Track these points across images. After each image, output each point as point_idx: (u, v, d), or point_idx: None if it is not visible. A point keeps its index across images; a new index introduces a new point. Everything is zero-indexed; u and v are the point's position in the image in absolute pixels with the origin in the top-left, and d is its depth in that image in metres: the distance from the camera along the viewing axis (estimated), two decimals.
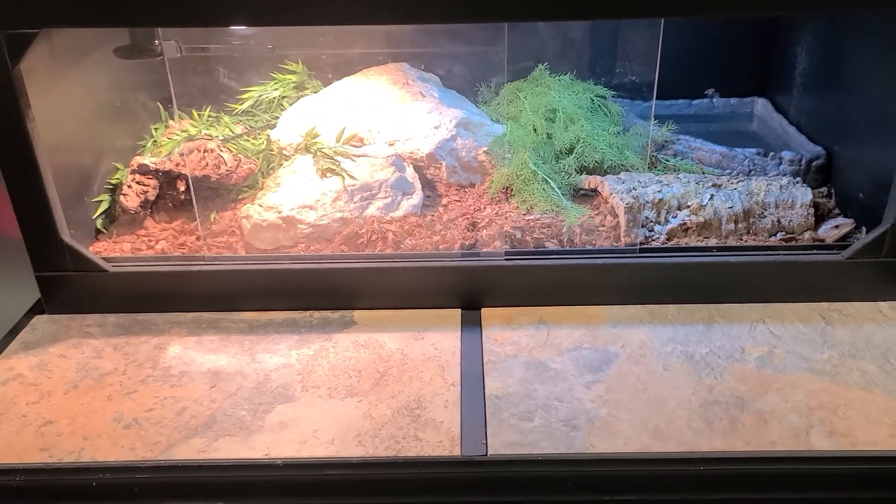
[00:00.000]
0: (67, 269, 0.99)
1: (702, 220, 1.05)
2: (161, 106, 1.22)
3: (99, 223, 1.09)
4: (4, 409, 0.86)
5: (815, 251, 1.00)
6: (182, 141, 1.13)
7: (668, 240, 1.05)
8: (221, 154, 1.12)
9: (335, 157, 1.11)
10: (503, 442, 0.80)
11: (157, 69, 1.14)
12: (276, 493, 0.79)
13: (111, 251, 1.05)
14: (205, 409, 0.86)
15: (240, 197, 1.13)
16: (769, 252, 1.00)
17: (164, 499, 0.79)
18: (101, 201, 1.10)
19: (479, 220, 1.08)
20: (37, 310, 1.03)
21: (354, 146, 1.15)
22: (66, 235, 0.98)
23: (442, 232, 1.07)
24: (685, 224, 1.05)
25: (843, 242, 1.02)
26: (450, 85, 1.32)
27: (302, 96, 1.26)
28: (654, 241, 1.05)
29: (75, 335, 0.98)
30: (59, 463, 0.78)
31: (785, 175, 1.14)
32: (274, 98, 1.26)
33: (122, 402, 0.87)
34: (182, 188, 1.12)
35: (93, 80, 1.11)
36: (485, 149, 1.19)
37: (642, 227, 1.05)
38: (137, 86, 1.21)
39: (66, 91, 1.03)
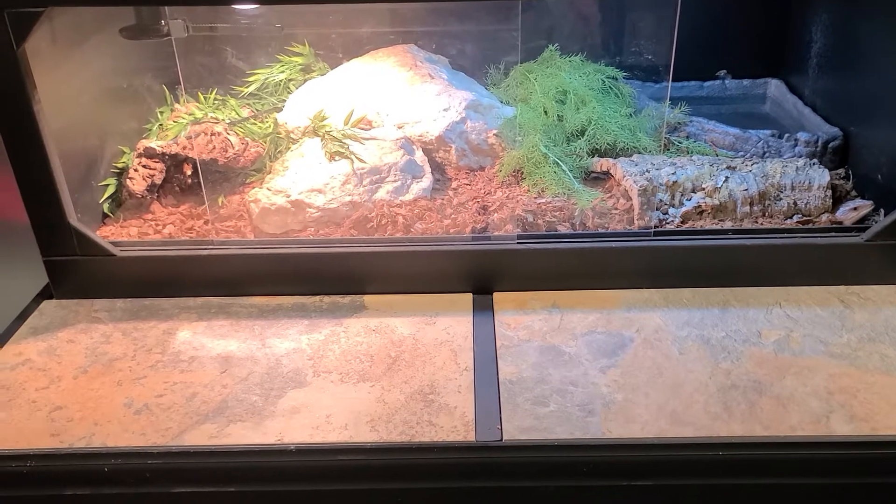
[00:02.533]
0: (75, 254, 0.98)
1: (717, 202, 1.04)
2: (167, 89, 1.20)
3: (106, 207, 1.08)
4: (14, 395, 0.85)
5: (833, 234, 0.99)
6: (188, 124, 1.11)
7: (682, 223, 1.04)
8: (228, 137, 1.11)
9: (343, 141, 1.10)
10: (518, 427, 0.79)
11: (164, 50, 1.12)
12: (288, 479, 0.78)
13: (119, 235, 1.04)
14: (216, 394, 0.85)
15: (248, 181, 1.12)
16: (785, 235, 0.99)
17: (176, 485, 0.78)
18: (107, 185, 1.09)
19: (489, 204, 1.07)
20: (45, 295, 1.02)
21: (363, 129, 1.14)
22: (74, 219, 0.97)
23: (452, 216, 1.05)
24: (700, 207, 1.04)
25: (861, 225, 1.00)
26: (458, 66, 1.30)
27: (309, 79, 1.24)
28: (668, 224, 1.04)
29: (84, 320, 0.97)
30: (70, 448, 0.78)
31: (801, 157, 1.12)
32: (280, 81, 1.24)
33: (131, 388, 0.86)
34: (189, 172, 1.10)
35: (98, 62, 1.10)
36: (495, 131, 1.17)
37: (656, 209, 1.04)
38: (143, 68, 1.19)
39: (71, 73, 1.02)
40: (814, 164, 1.07)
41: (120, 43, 1.07)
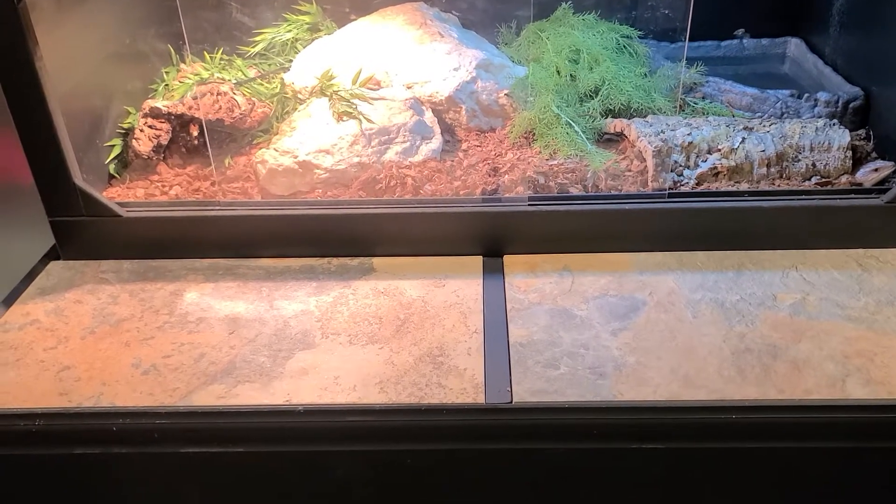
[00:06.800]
0: (81, 214, 0.97)
1: (733, 164, 1.01)
2: (172, 49, 1.18)
3: (112, 168, 1.07)
4: (22, 355, 0.85)
5: (853, 195, 0.96)
6: (194, 84, 1.09)
7: (697, 184, 1.02)
8: (235, 97, 1.09)
9: (352, 101, 1.08)
10: (528, 389, 0.78)
11: (169, 6, 1.10)
12: (296, 440, 0.78)
13: (125, 196, 1.03)
14: (223, 355, 0.84)
15: (254, 141, 1.10)
16: (803, 197, 0.97)
17: (184, 444, 0.78)
18: (113, 146, 1.07)
19: (500, 166, 1.05)
20: (52, 255, 1.01)
21: (371, 89, 1.11)
22: (79, 180, 0.96)
23: (462, 177, 1.03)
24: (715, 168, 1.02)
25: (882, 186, 0.98)
26: (468, 24, 1.27)
27: (316, 38, 1.21)
28: (683, 185, 1.01)
29: (91, 281, 0.97)
30: (79, 408, 0.78)
31: (820, 117, 1.09)
32: (287, 40, 1.22)
33: (139, 348, 0.86)
34: (195, 132, 1.09)
35: (102, 20, 1.08)
36: (506, 92, 1.15)
37: (671, 171, 1.02)
38: (149, 27, 1.17)
39: (74, 31, 1.00)
40: (833, 124, 1.04)
41: (124, 0, 1.05)
